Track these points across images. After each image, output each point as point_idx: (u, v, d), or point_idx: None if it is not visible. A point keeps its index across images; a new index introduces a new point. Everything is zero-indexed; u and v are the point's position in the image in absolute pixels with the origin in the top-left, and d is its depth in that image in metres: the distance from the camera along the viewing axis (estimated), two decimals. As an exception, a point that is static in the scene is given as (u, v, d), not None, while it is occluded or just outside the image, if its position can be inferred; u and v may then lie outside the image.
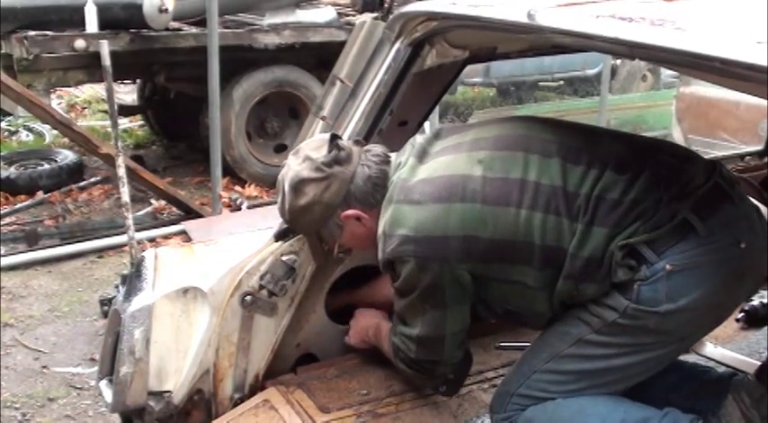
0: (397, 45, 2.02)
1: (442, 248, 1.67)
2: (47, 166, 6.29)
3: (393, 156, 1.87)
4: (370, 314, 2.12)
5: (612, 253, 1.59)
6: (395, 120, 2.09)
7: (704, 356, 2.28)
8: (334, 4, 6.95)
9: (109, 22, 5.67)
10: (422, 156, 1.80)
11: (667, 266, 1.57)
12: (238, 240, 2.16)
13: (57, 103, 8.86)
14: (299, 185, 1.80)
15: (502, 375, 1.93)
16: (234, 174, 6.31)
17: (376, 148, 1.88)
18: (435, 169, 1.74)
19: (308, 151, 1.84)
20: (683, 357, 2.14)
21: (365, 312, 2.14)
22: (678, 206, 1.60)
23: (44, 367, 3.68)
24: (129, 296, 1.94)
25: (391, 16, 2.05)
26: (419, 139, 1.88)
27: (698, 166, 1.70)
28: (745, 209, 1.68)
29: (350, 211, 1.82)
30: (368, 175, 1.81)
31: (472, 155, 1.73)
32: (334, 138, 1.83)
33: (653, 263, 1.58)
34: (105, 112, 8.26)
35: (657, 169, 1.65)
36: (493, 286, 1.73)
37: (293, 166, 1.84)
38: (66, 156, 6.46)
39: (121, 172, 3.88)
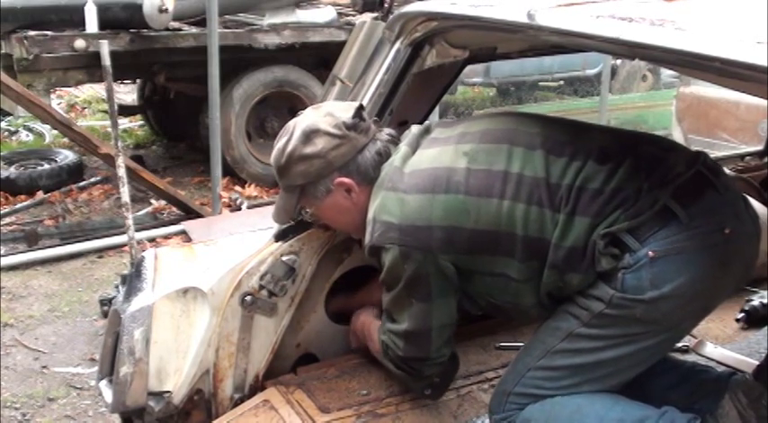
0: (397, 45, 2.02)
1: (426, 238, 1.68)
2: (47, 166, 6.29)
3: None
4: (363, 314, 2.12)
5: (595, 242, 1.60)
6: (395, 120, 2.09)
7: (704, 356, 2.28)
8: (334, 4, 6.95)
9: (109, 22, 5.68)
10: (414, 147, 1.83)
11: (650, 253, 1.57)
12: (238, 240, 2.16)
13: (57, 103, 8.87)
14: (311, 134, 1.81)
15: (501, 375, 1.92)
16: (234, 174, 6.31)
17: (387, 129, 1.93)
18: (422, 161, 1.77)
19: (332, 109, 1.88)
20: (682, 357, 2.15)
21: (359, 313, 2.15)
22: (659, 193, 1.61)
23: (44, 367, 3.68)
24: (129, 296, 1.94)
25: (391, 16, 2.06)
26: (414, 129, 1.91)
27: (680, 156, 1.71)
28: (730, 196, 1.69)
29: (345, 179, 1.83)
30: (376, 150, 1.85)
31: (458, 148, 1.76)
32: (362, 108, 1.87)
33: (635, 250, 1.59)
34: (105, 112, 8.27)
35: (639, 159, 1.67)
36: (476, 279, 1.74)
37: (311, 116, 1.86)
38: (67, 156, 6.47)
39: (121, 172, 3.88)
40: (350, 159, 1.83)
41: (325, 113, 1.85)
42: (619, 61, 9.33)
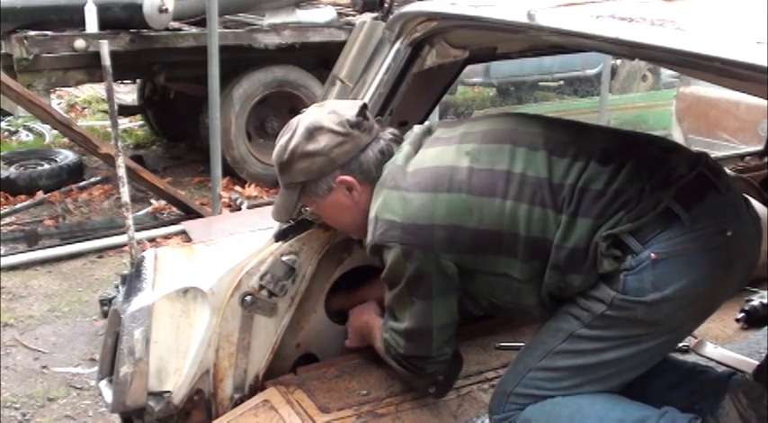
0: (397, 45, 2.02)
1: (428, 237, 1.68)
2: (47, 166, 6.29)
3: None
4: (362, 313, 2.13)
5: (597, 244, 1.60)
6: (395, 120, 2.09)
7: (704, 356, 2.28)
8: (334, 4, 6.95)
9: (109, 22, 5.68)
10: (417, 146, 1.83)
11: (652, 255, 1.57)
12: (238, 240, 2.16)
13: (57, 103, 8.87)
14: (315, 131, 1.81)
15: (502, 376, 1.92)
16: (234, 174, 6.31)
17: (390, 128, 1.94)
18: (424, 160, 1.77)
19: (336, 107, 1.87)
20: (682, 357, 2.15)
21: (356, 312, 2.15)
22: (661, 195, 1.61)
23: (44, 367, 3.68)
24: (128, 296, 1.94)
25: (391, 16, 2.06)
26: (416, 129, 1.91)
27: (682, 157, 1.70)
28: (732, 198, 1.69)
29: (347, 177, 1.83)
30: (379, 149, 1.84)
31: (461, 147, 1.76)
32: (365, 106, 1.87)
33: (638, 252, 1.59)
34: (105, 112, 8.27)
35: (641, 160, 1.67)
36: (479, 279, 1.74)
37: (315, 113, 1.86)
38: (67, 156, 6.47)
39: (121, 172, 3.89)
40: (352, 157, 1.82)
41: (329, 111, 1.85)
42: (619, 61, 9.33)
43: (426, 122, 2.12)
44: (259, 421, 1.94)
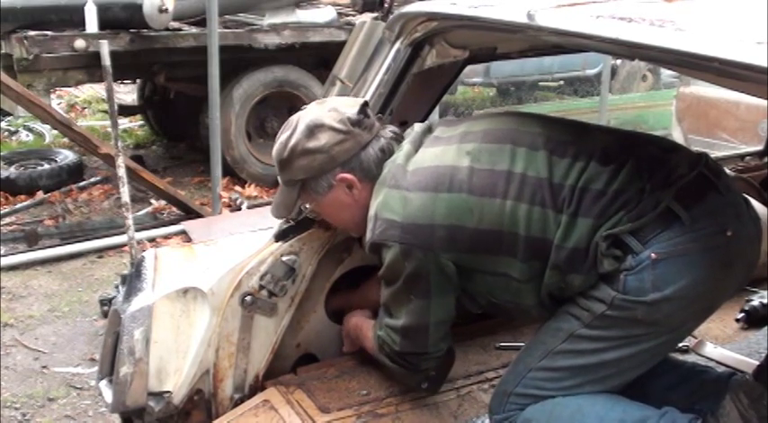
0: (397, 45, 2.02)
1: (427, 237, 1.68)
2: (47, 166, 6.30)
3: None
4: (355, 316, 2.12)
5: (597, 243, 1.60)
6: (395, 120, 2.09)
7: (704, 356, 2.28)
8: (334, 4, 6.96)
9: (109, 22, 5.68)
10: (417, 145, 1.83)
11: (652, 255, 1.57)
12: (238, 240, 2.16)
13: (57, 103, 8.87)
14: (315, 128, 1.81)
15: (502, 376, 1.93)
16: (234, 174, 6.32)
17: (391, 126, 1.93)
18: (425, 159, 1.77)
19: (336, 104, 1.87)
20: (682, 357, 2.15)
21: (351, 315, 2.15)
22: (661, 195, 1.61)
23: (44, 367, 3.68)
24: (128, 296, 1.94)
25: (391, 16, 2.06)
26: (416, 128, 1.91)
27: (682, 157, 1.71)
28: (732, 198, 1.69)
29: (347, 175, 1.83)
30: (380, 147, 1.85)
31: (461, 147, 1.76)
32: (366, 104, 1.87)
33: (638, 252, 1.59)
34: (105, 112, 8.28)
35: (641, 160, 1.67)
36: (478, 278, 1.74)
37: (315, 110, 1.86)
38: (67, 156, 6.47)
39: (121, 172, 3.89)
40: (353, 155, 1.82)
41: (330, 108, 1.85)
42: (619, 61, 9.33)
43: (426, 121, 2.13)
44: (259, 421, 1.94)
